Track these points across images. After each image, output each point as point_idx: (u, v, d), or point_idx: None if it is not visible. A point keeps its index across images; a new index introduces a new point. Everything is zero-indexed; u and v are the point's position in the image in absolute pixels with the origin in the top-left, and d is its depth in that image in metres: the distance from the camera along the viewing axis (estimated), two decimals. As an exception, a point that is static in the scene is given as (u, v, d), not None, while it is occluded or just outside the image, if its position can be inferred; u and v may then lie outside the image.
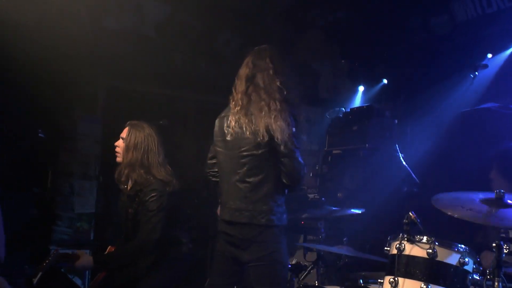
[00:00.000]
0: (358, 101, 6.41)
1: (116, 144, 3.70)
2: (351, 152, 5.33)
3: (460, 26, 5.35)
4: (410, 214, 2.79)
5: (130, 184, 3.63)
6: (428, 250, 2.73)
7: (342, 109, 5.83)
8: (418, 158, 5.10)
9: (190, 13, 5.75)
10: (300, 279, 3.79)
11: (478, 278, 2.74)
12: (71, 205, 5.56)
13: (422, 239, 2.77)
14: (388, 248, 2.93)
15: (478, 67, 5.07)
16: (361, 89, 6.46)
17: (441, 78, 5.50)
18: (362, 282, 3.59)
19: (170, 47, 5.90)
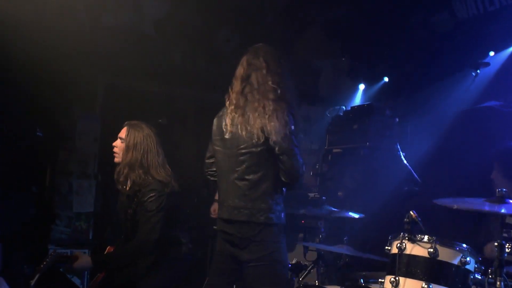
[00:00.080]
0: (359, 99, 6.40)
1: (114, 144, 3.67)
2: (352, 151, 5.31)
3: (461, 24, 5.33)
4: (411, 213, 2.78)
5: (129, 184, 3.61)
6: (429, 250, 2.71)
7: (342, 107, 5.82)
8: (419, 157, 5.09)
9: (189, 10, 5.73)
10: (300, 279, 3.77)
11: (479, 277, 2.73)
12: (70, 204, 5.56)
13: (423, 238, 2.76)
14: (389, 247, 2.92)
15: (479, 65, 5.06)
16: (361, 87, 6.45)
17: (442, 77, 5.49)
18: (362, 281, 3.58)
19: (169, 45, 5.89)
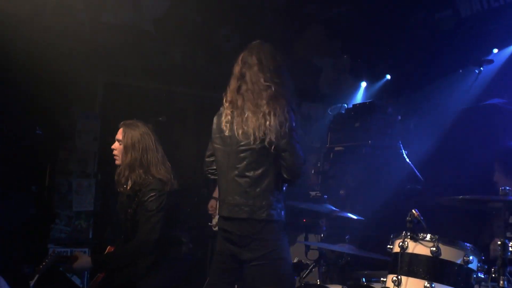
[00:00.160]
0: (360, 97, 6.36)
1: (113, 147, 3.65)
2: (353, 149, 5.29)
3: (464, 21, 5.31)
4: (414, 211, 2.78)
5: (129, 184, 3.59)
6: (431, 248, 2.70)
7: (344, 105, 5.79)
8: (422, 155, 5.07)
9: (189, 9, 5.73)
10: (301, 278, 3.74)
11: (482, 276, 2.73)
12: (70, 203, 5.55)
13: (425, 237, 2.76)
14: (391, 246, 2.92)
15: (483, 63, 5.02)
16: (363, 85, 6.41)
17: (444, 74, 5.47)
18: (364, 280, 3.57)
19: (169, 44, 5.88)
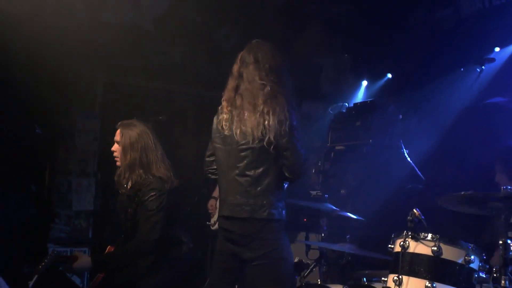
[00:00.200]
0: (361, 96, 6.35)
1: (112, 149, 3.64)
2: (354, 148, 5.29)
3: (465, 19, 5.30)
4: (415, 211, 2.78)
5: (129, 184, 3.57)
6: (433, 248, 2.70)
7: (345, 104, 5.77)
8: (423, 154, 5.05)
9: (189, 8, 5.71)
10: (302, 277, 3.73)
11: (484, 276, 2.72)
12: (69, 202, 5.55)
13: (426, 237, 2.76)
14: (392, 245, 2.92)
15: (484, 61, 5.01)
16: (364, 83, 6.40)
17: (446, 73, 5.46)
18: (365, 280, 3.57)
19: (169, 43, 5.87)
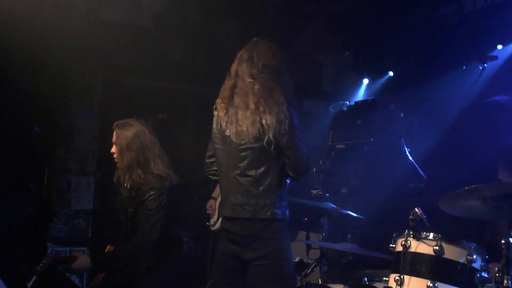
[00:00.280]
0: (362, 94, 6.33)
1: (112, 151, 3.62)
2: (355, 146, 5.28)
3: (468, 16, 5.28)
4: (416, 210, 2.77)
5: (129, 185, 3.56)
6: (434, 247, 2.69)
7: (346, 102, 5.75)
8: (425, 153, 5.05)
9: (189, 6, 5.70)
10: (303, 277, 3.71)
11: (486, 276, 2.71)
12: (68, 202, 5.54)
13: (428, 236, 2.74)
14: (393, 245, 2.91)
15: (487, 59, 4.98)
16: (365, 82, 6.38)
17: (448, 70, 5.43)
18: (366, 280, 3.54)
19: (169, 41, 5.86)
